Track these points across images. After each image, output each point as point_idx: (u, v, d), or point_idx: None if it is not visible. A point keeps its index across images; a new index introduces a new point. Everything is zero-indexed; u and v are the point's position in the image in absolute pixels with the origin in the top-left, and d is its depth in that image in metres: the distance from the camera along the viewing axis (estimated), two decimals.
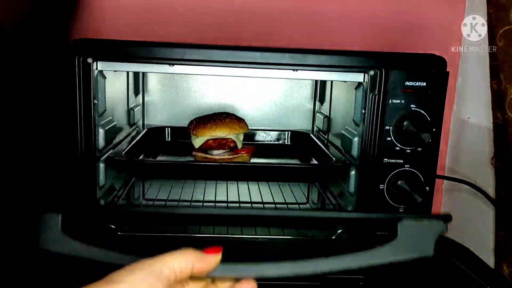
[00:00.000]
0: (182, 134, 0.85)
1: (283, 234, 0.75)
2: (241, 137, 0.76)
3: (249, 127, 0.78)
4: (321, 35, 0.86)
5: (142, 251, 0.37)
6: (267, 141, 0.91)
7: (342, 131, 0.70)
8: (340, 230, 0.66)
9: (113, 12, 0.82)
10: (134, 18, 0.83)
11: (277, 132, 0.92)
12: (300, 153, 0.84)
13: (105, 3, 0.82)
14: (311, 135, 0.89)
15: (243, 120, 0.77)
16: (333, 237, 0.67)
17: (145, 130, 0.86)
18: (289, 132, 0.92)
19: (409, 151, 0.58)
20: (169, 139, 0.89)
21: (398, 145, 0.57)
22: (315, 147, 0.81)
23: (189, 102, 0.89)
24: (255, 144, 0.84)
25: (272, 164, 0.77)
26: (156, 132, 0.88)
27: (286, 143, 0.92)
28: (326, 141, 0.82)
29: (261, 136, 0.91)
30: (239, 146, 0.75)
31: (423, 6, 0.85)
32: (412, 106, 0.56)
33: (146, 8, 0.83)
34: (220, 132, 0.73)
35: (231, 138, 0.74)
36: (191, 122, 0.78)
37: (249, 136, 0.90)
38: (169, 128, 0.89)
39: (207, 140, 0.73)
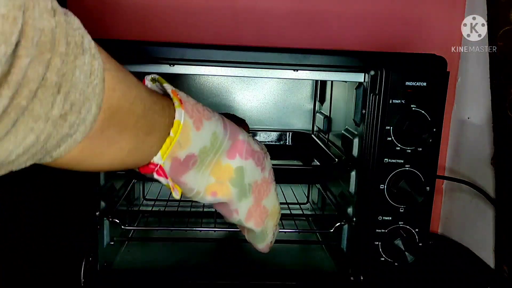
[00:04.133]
0: None
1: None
2: None
3: (250, 127, 0.78)
4: (321, 35, 0.86)
5: None
6: (268, 141, 0.91)
7: (343, 131, 0.70)
8: (338, 224, 0.67)
9: (113, 12, 0.82)
10: (134, 18, 0.83)
11: (278, 133, 0.92)
12: (302, 154, 0.84)
13: (105, 3, 0.82)
14: (312, 135, 0.89)
15: (244, 121, 0.77)
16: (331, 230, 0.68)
17: None
18: (290, 133, 0.91)
19: (409, 151, 0.58)
20: None
21: (399, 145, 0.57)
22: (317, 147, 0.81)
23: None
24: None
25: (274, 165, 0.77)
26: None
27: (287, 143, 0.91)
28: (326, 141, 0.82)
29: (262, 137, 0.91)
30: None
31: (423, 6, 0.85)
32: (412, 106, 0.56)
33: (146, 8, 0.83)
34: None
35: None
36: None
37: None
38: None
39: None
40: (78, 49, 0.24)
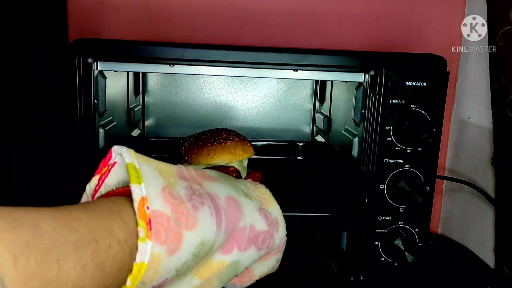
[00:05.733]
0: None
1: None
2: (245, 163, 0.62)
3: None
4: (321, 35, 0.86)
5: None
6: (275, 156, 0.83)
7: (342, 131, 0.70)
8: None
9: (113, 12, 0.82)
10: (134, 18, 0.83)
11: (286, 144, 0.84)
12: (321, 176, 0.73)
13: (105, 2, 0.82)
14: (335, 145, 0.77)
15: (248, 141, 0.62)
16: None
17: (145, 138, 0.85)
18: (302, 144, 0.84)
19: (409, 151, 0.58)
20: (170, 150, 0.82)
21: (398, 145, 0.57)
22: (339, 166, 0.72)
23: (189, 101, 0.89)
24: (259, 159, 0.77)
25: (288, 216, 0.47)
26: (155, 145, 0.82)
27: (298, 157, 0.83)
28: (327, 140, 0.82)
29: (268, 151, 0.84)
30: (243, 175, 0.60)
31: (423, 6, 0.85)
32: (412, 106, 0.56)
33: (146, 8, 0.83)
34: (220, 160, 0.57)
35: (233, 167, 0.58)
36: (183, 143, 0.62)
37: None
38: (168, 140, 0.82)
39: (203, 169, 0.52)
40: None
